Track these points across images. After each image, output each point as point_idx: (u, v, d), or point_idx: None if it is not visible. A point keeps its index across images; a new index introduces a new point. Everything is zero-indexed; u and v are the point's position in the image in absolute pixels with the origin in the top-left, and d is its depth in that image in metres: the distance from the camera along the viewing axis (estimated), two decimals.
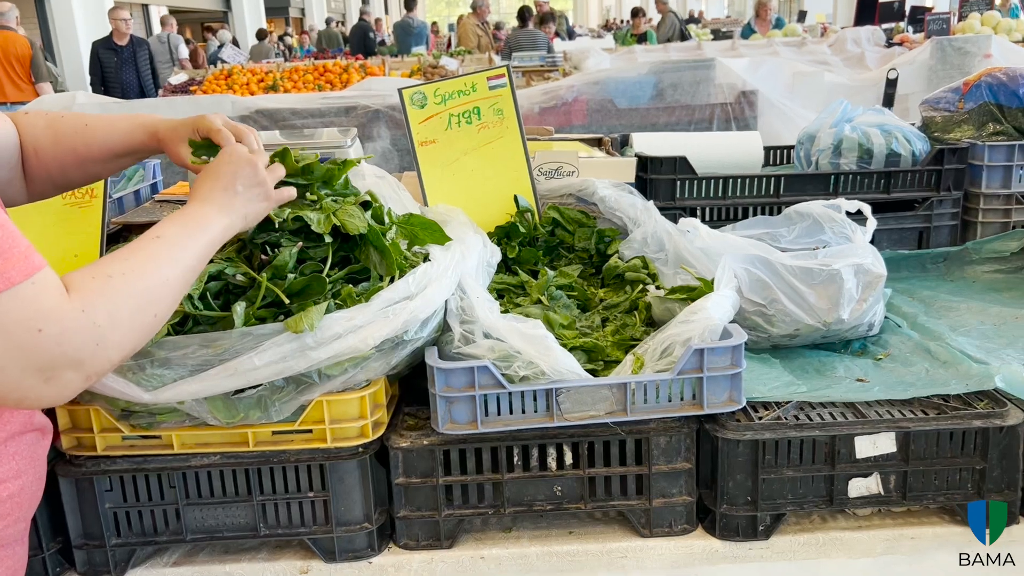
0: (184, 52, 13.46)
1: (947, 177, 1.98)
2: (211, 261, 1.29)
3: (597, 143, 2.41)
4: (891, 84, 2.33)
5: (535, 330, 1.33)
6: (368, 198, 1.45)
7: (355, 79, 8.84)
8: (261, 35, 16.37)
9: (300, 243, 1.32)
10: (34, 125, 1.33)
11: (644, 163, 1.98)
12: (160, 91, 8.89)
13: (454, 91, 1.90)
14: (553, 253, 1.89)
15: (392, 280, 1.34)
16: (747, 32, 11.89)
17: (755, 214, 2.01)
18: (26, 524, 1.17)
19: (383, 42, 15.52)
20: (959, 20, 10.33)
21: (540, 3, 13.55)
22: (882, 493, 1.37)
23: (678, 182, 1.96)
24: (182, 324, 1.25)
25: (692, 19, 20.82)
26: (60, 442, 1.39)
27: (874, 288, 1.59)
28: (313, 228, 1.32)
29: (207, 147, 1.29)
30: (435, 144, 1.89)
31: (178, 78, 9.31)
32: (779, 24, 12.14)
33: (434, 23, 23.71)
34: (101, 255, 1.98)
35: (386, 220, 1.46)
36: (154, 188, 2.36)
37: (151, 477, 1.34)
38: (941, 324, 1.71)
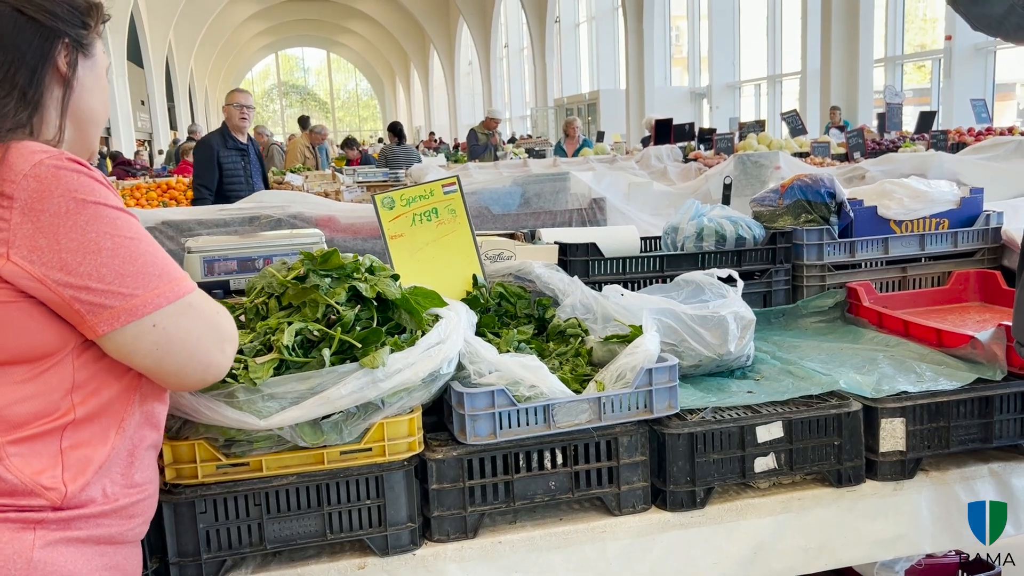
0: None
1: (780, 253, 2.67)
2: (290, 323, 1.69)
3: (511, 236, 2.95)
4: (727, 188, 3.06)
5: (533, 362, 1.81)
6: (394, 274, 1.89)
7: None
8: None
9: (358, 307, 1.74)
10: None
11: (564, 248, 2.53)
12: None
13: (416, 196, 2.38)
14: (501, 319, 2.38)
15: (423, 333, 1.78)
16: (558, 150, 12.95)
17: (645, 285, 2.60)
18: (146, 528, 1.43)
19: None
20: (740, 139, 12.06)
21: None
22: (776, 467, 1.93)
23: (590, 262, 2.52)
24: (278, 369, 1.62)
25: (511, 139, 22.39)
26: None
27: (749, 328, 2.20)
28: (363, 294, 1.75)
29: None
30: (403, 237, 2.36)
31: None
32: (586, 144, 13.29)
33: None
34: None
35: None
36: None
37: (239, 498, 1.67)
38: (793, 356, 2.34)
